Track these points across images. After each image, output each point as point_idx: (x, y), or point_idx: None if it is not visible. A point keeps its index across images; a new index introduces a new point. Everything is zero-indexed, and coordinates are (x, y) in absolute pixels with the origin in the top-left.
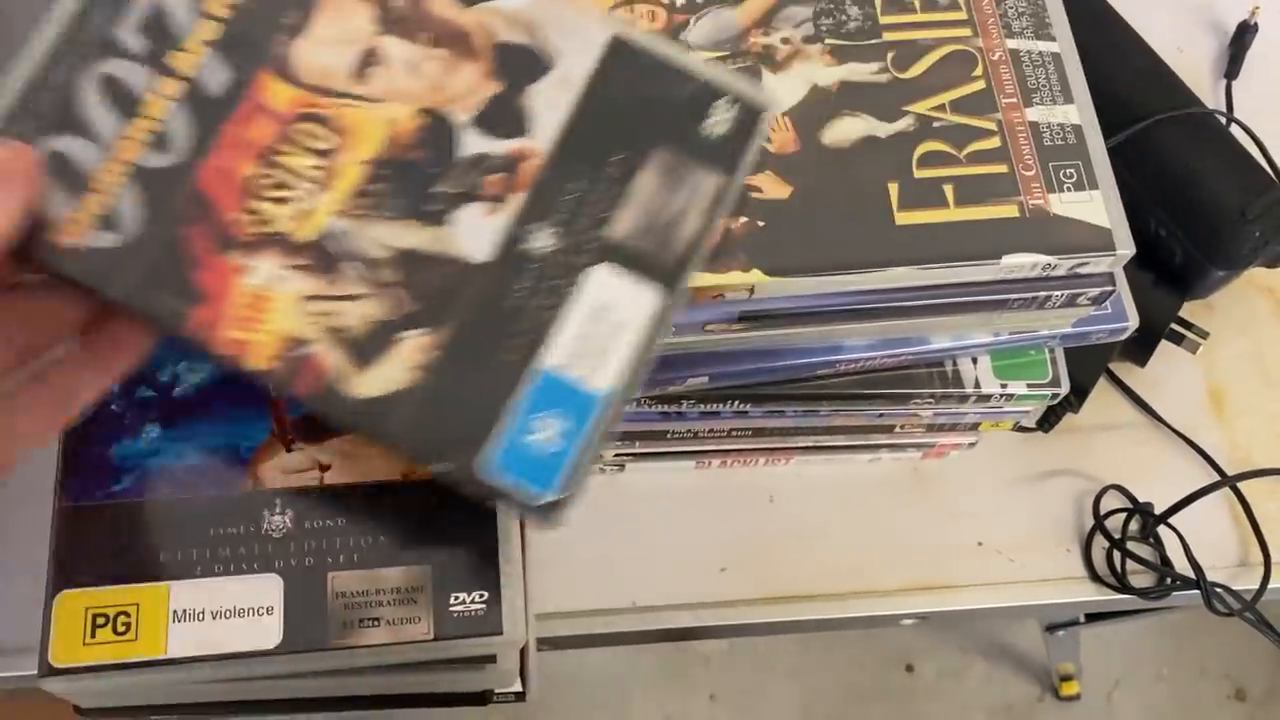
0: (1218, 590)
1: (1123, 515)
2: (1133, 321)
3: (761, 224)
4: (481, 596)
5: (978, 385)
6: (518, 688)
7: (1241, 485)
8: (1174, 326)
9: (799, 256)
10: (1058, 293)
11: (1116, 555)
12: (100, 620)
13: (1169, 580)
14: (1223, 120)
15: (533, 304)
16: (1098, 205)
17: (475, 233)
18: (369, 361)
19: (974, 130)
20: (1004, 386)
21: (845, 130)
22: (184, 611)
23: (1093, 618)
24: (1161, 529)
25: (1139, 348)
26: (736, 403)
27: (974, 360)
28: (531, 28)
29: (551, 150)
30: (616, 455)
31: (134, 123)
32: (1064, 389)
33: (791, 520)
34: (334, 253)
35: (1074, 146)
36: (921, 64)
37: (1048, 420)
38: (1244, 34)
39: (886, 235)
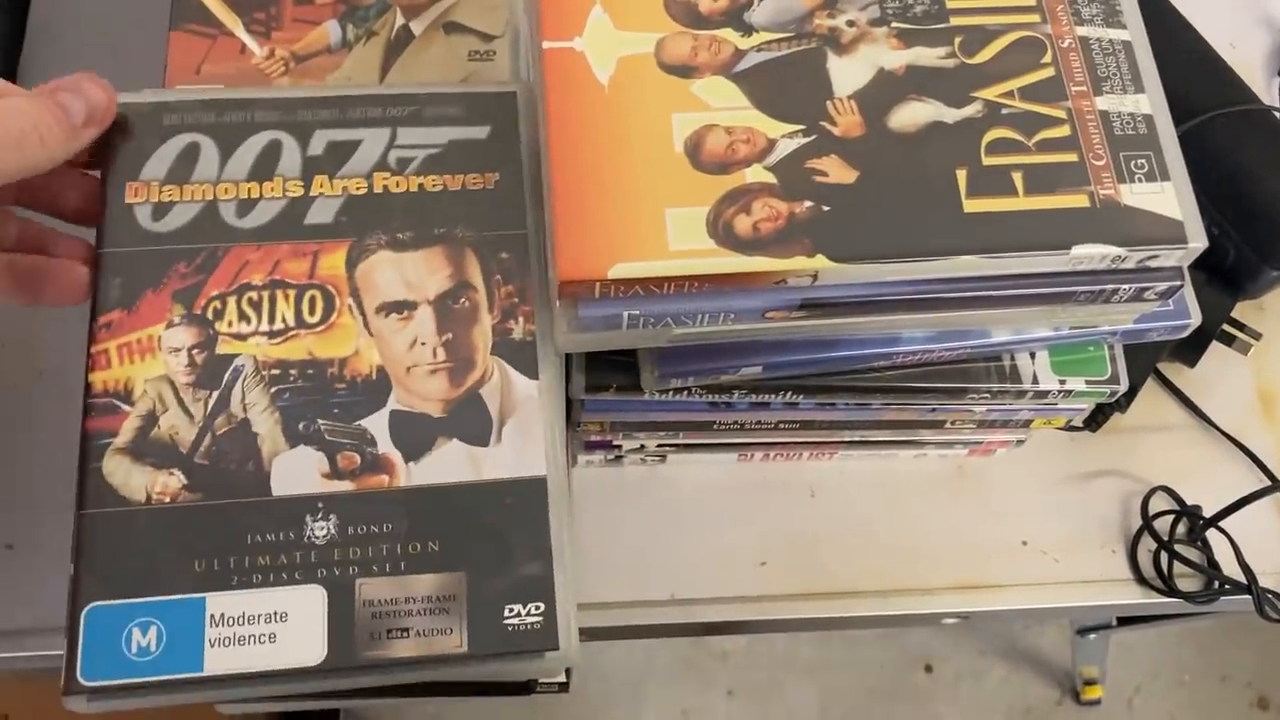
0: (1269, 596)
1: (1170, 518)
2: (1195, 319)
3: (826, 209)
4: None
5: (1035, 381)
6: (562, 678)
7: None
8: (1225, 327)
9: (865, 243)
10: (1125, 286)
11: (1163, 558)
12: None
13: (1218, 584)
14: (1278, 117)
15: None
16: (1169, 196)
17: None
18: None
19: (1043, 118)
20: (1062, 383)
21: (912, 115)
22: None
23: (1124, 622)
24: (1209, 533)
25: (1189, 348)
26: (788, 394)
27: (1032, 355)
28: None
29: None
30: (659, 445)
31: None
32: (1123, 386)
33: (833, 516)
34: None
35: (1145, 136)
36: (990, 49)
37: (1095, 420)
38: None
39: (955, 223)
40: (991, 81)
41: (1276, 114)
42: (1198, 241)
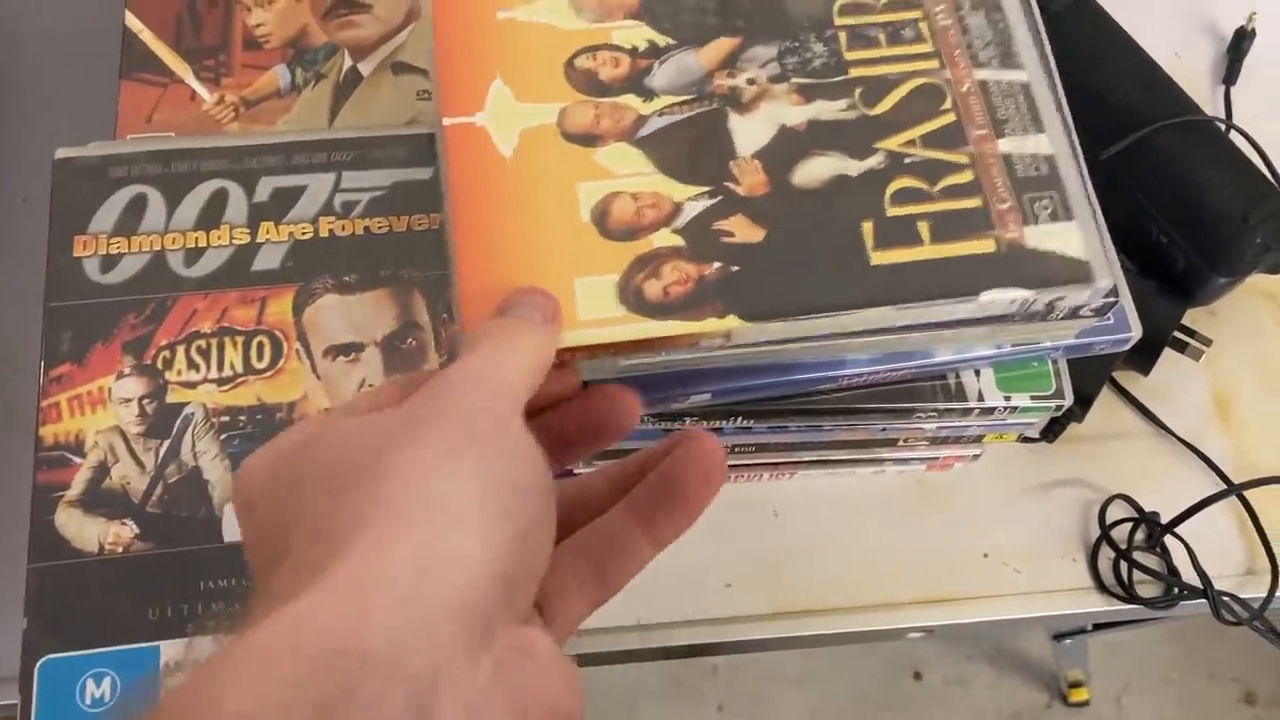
0: (1225, 599)
1: (1129, 525)
2: (1135, 332)
3: (735, 268)
4: None
5: (981, 398)
6: None
7: (1248, 493)
8: (1177, 334)
9: (775, 300)
10: (1060, 304)
11: (1123, 565)
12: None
13: (1176, 590)
14: (1222, 127)
15: None
16: (1074, 236)
17: None
18: None
19: (946, 164)
20: (1007, 399)
21: (816, 170)
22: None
23: (1100, 626)
24: (1168, 538)
25: (1142, 356)
26: (739, 419)
27: (977, 373)
28: None
29: None
30: None
31: None
32: (1067, 401)
33: (796, 535)
34: None
35: (1048, 177)
36: (889, 99)
37: (1052, 430)
38: (1241, 40)
39: (863, 276)
40: (893, 131)
41: (1220, 124)
42: (1105, 280)
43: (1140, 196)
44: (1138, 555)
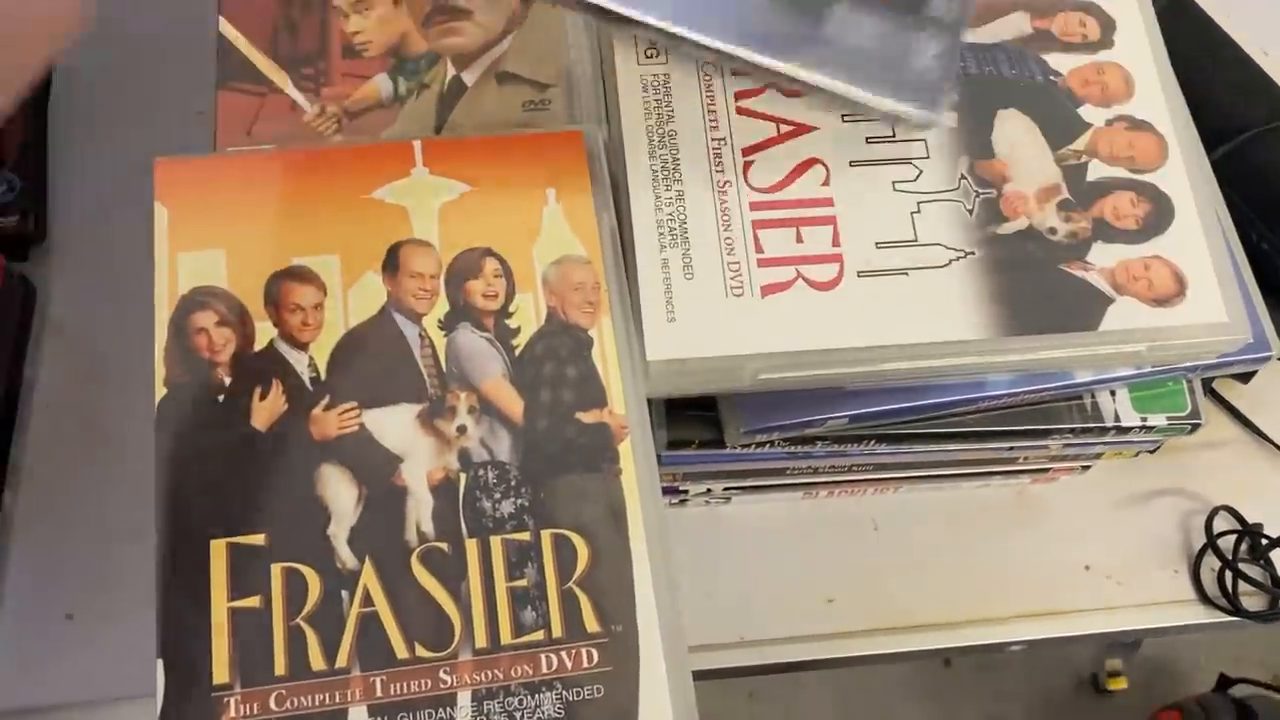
0: None
1: (1232, 537)
2: (1275, 350)
3: None
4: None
5: (1118, 419)
6: None
7: None
8: None
9: None
10: None
11: (1228, 577)
12: None
13: None
14: None
15: None
16: None
17: None
18: None
19: None
20: (1144, 420)
21: None
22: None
23: None
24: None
25: None
26: (871, 443)
27: (1112, 393)
28: None
29: None
30: (725, 489)
31: None
32: (1203, 421)
33: (897, 548)
34: None
35: None
36: None
37: None
38: None
39: None
40: None
41: None
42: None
43: (1240, 201)
44: (1242, 567)
